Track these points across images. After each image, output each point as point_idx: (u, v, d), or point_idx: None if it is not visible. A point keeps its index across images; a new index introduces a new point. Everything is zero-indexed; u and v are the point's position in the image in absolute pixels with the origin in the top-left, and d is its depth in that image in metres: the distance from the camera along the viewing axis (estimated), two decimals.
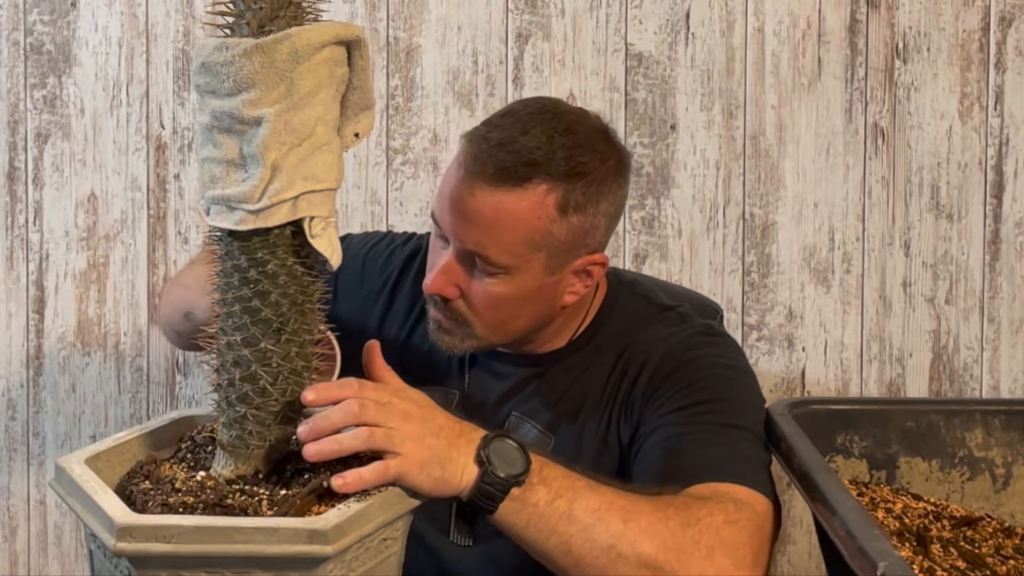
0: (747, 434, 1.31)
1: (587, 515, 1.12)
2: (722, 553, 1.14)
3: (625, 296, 1.47)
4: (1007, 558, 1.20)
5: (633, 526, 1.12)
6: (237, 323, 1.03)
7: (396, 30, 1.99)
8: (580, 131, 1.34)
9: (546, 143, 1.30)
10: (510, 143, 1.29)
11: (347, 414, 1.05)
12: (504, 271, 1.31)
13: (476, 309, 1.34)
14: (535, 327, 1.40)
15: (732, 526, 1.16)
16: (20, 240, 2.01)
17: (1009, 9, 1.98)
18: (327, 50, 0.99)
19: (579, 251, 1.35)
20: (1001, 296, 2.01)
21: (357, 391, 1.07)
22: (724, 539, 1.15)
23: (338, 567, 0.97)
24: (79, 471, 1.04)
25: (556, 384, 1.43)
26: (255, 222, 1.00)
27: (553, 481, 1.12)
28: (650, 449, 1.31)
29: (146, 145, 2.01)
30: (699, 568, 1.12)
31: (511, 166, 1.28)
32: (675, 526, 1.13)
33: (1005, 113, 1.99)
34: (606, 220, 1.37)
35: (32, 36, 2.00)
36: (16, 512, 2.05)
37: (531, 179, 1.29)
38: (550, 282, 1.35)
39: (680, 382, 1.34)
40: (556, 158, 1.29)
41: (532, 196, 1.29)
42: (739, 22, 1.98)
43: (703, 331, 1.42)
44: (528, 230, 1.29)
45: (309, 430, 1.04)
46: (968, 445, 1.35)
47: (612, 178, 1.35)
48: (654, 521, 1.13)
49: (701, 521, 1.15)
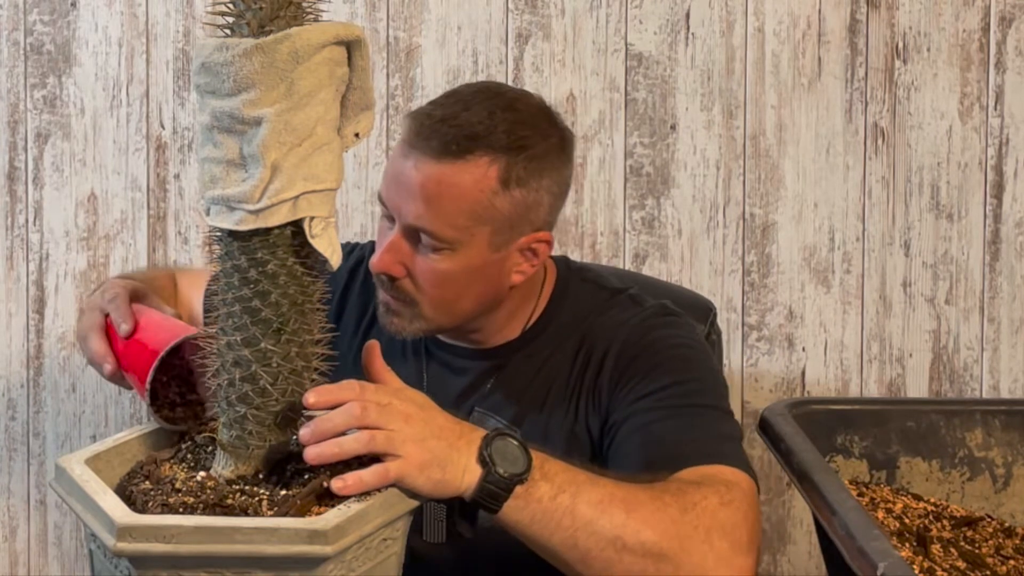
0: (717, 412, 1.33)
1: (590, 508, 1.12)
2: (720, 535, 1.15)
3: (575, 283, 1.48)
4: (1007, 558, 1.20)
5: (635, 516, 1.13)
6: (237, 323, 1.03)
7: (396, 30, 1.99)
8: (522, 108, 1.36)
9: (487, 118, 1.32)
10: (452, 119, 1.31)
11: (348, 417, 1.05)
12: (448, 246, 1.32)
13: (422, 287, 1.34)
14: (483, 308, 1.40)
15: (726, 508, 1.18)
16: (20, 240, 2.01)
17: (1009, 9, 1.98)
18: (327, 50, 0.99)
19: (523, 227, 1.36)
20: (1001, 296, 2.01)
21: (358, 393, 1.06)
22: (721, 522, 1.16)
23: (338, 567, 0.97)
24: (79, 471, 1.04)
25: (517, 377, 1.43)
26: (255, 222, 1.00)
27: (555, 476, 1.12)
28: (626, 437, 1.32)
29: (146, 145, 2.01)
30: (699, 552, 1.14)
31: (453, 139, 1.29)
32: (674, 513, 1.15)
33: (1005, 113, 1.99)
34: (550, 197, 1.37)
35: (32, 36, 2.00)
36: (16, 512, 2.05)
37: (473, 151, 1.30)
38: (496, 259, 1.35)
39: (644, 367, 1.35)
40: (498, 131, 1.31)
41: (474, 168, 1.30)
42: (739, 22, 1.98)
43: (657, 312, 1.43)
44: (471, 202, 1.31)
45: (310, 433, 1.04)
46: (968, 445, 1.35)
47: (555, 155, 1.37)
48: (654, 510, 1.14)
49: (697, 506, 1.16)
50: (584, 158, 1.99)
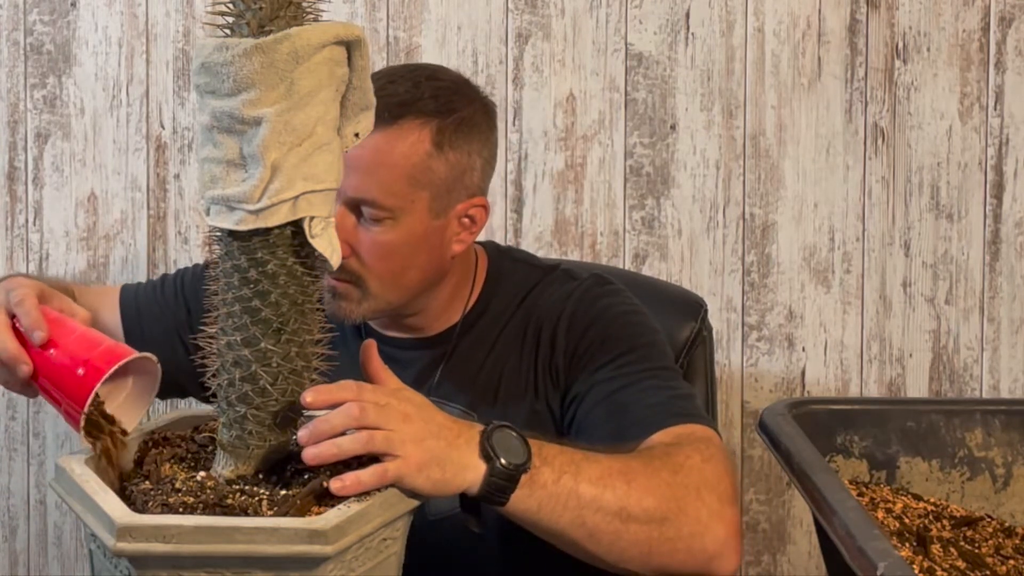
0: (672, 373, 1.39)
1: (593, 486, 1.14)
2: (708, 491, 1.20)
3: (507, 264, 1.50)
4: (1007, 558, 1.20)
5: (635, 486, 1.16)
6: (237, 323, 1.03)
7: (396, 30, 1.99)
8: (444, 77, 1.41)
9: (413, 88, 1.36)
10: (379, 91, 1.31)
11: (347, 417, 1.05)
12: (390, 215, 1.33)
13: (368, 263, 1.35)
14: (428, 281, 1.41)
15: (708, 463, 1.23)
16: (20, 240, 2.02)
17: (1009, 9, 1.98)
18: (327, 50, 0.99)
19: (459, 192, 1.38)
20: (1001, 296, 2.01)
21: (356, 393, 1.06)
22: (706, 478, 1.21)
23: (338, 567, 0.97)
24: (79, 471, 1.04)
25: (466, 363, 1.44)
26: (255, 222, 1.00)
27: (554, 459, 1.14)
28: (591, 408, 1.35)
29: (146, 145, 2.01)
30: (693, 509, 1.18)
31: (383, 108, 1.29)
32: (667, 476, 1.19)
33: (1005, 113, 1.99)
34: (481, 161, 1.40)
35: (32, 36, 2.00)
36: (16, 512, 2.05)
37: (404, 116, 1.34)
38: (437, 226, 1.37)
39: (598, 337, 1.38)
40: (425, 98, 1.35)
41: (407, 133, 1.34)
42: (739, 22, 1.98)
43: (595, 283, 1.46)
44: (408, 167, 1.33)
45: (309, 434, 1.04)
46: (968, 445, 1.35)
47: (481, 119, 1.40)
48: (649, 475, 1.18)
49: (684, 466, 1.21)
50: (584, 158, 1.99)
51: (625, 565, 1.19)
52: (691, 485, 1.20)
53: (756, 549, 2.04)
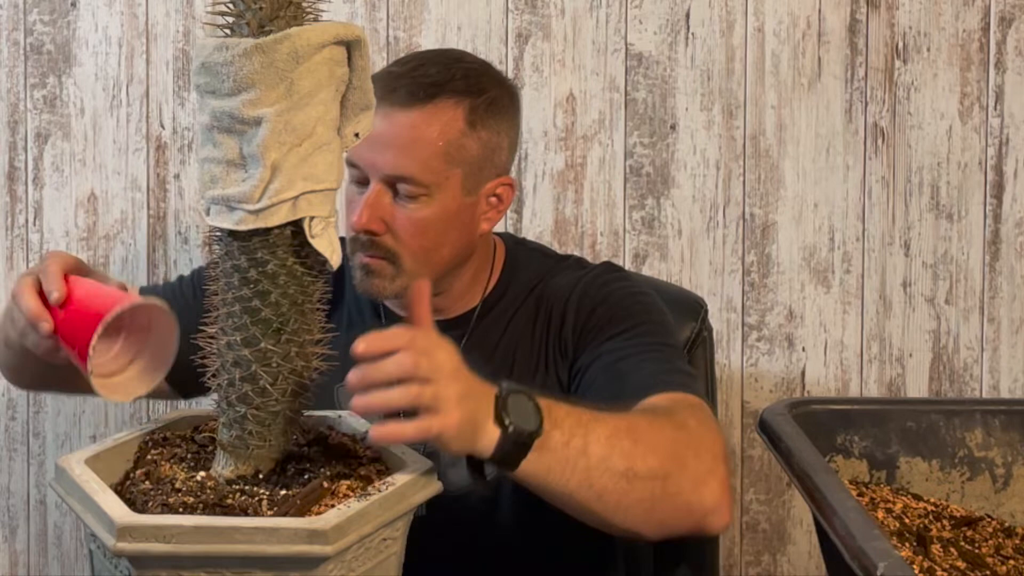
0: (674, 350, 1.46)
1: (601, 446, 1.16)
2: (705, 450, 1.25)
3: (524, 252, 1.57)
4: (1007, 558, 1.20)
5: (641, 444, 1.19)
6: (237, 323, 1.03)
7: (396, 30, 1.99)
8: (472, 60, 1.49)
9: (445, 69, 1.41)
10: (412, 72, 1.40)
11: (400, 368, 1.05)
12: (426, 191, 1.38)
13: (403, 239, 1.39)
14: (458, 258, 1.46)
15: (703, 426, 1.29)
16: (20, 240, 2.01)
17: (1009, 9, 1.98)
18: (327, 50, 1.00)
19: (489, 171, 1.44)
20: (1001, 296, 2.01)
21: (409, 342, 1.06)
22: (702, 439, 1.27)
23: (338, 567, 0.97)
24: (79, 471, 1.04)
25: (484, 341, 1.48)
26: (255, 222, 1.00)
27: (563, 422, 1.15)
28: (595, 375, 1.41)
29: (146, 145, 2.01)
30: (693, 468, 1.23)
31: (419, 87, 1.38)
32: (669, 434, 1.24)
33: (1005, 113, 1.99)
34: (508, 141, 1.47)
35: (32, 36, 2.00)
36: (16, 512, 2.05)
37: (439, 95, 1.39)
38: (468, 203, 1.43)
39: (605, 315, 1.45)
40: (457, 78, 1.41)
41: (442, 112, 1.39)
42: (739, 22, 1.98)
43: (606, 270, 1.53)
44: (444, 144, 1.38)
45: (360, 378, 1.04)
46: (968, 445, 1.35)
47: (508, 100, 1.47)
48: (653, 433, 1.22)
49: (684, 426, 1.26)
50: (584, 158, 1.99)
51: (627, 525, 1.22)
52: (690, 443, 1.24)
53: (756, 549, 2.04)
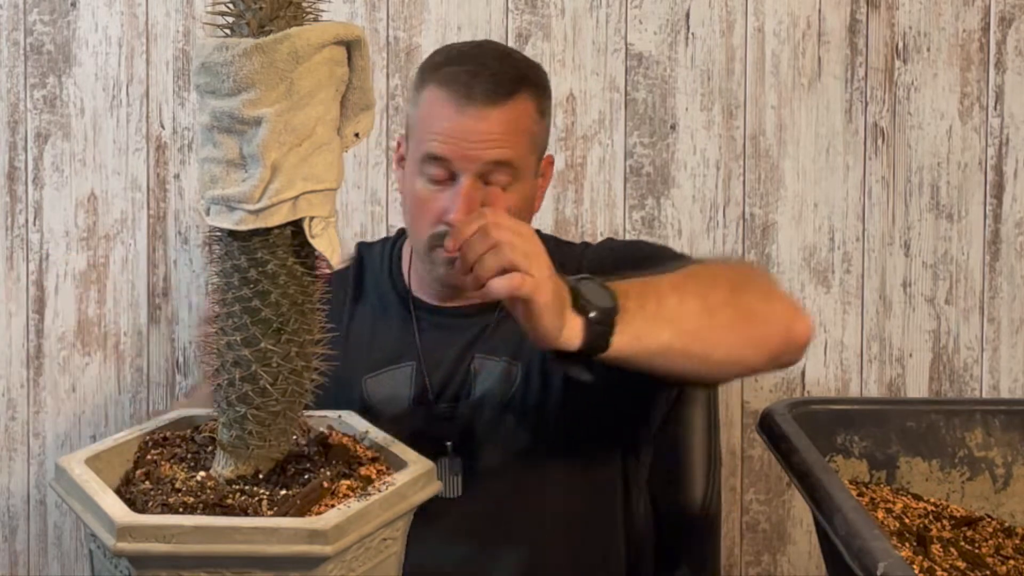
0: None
1: (673, 295, 1.25)
2: (758, 276, 1.45)
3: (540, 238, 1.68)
4: (1007, 558, 1.20)
5: (704, 282, 1.31)
6: (237, 323, 1.03)
7: (396, 30, 1.99)
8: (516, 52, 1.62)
9: (512, 67, 1.51)
10: (482, 70, 1.47)
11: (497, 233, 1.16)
12: (517, 178, 1.47)
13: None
14: None
15: (743, 262, 1.55)
16: (20, 240, 2.02)
17: (1009, 9, 1.98)
18: (327, 50, 0.99)
19: (543, 152, 1.55)
20: (1001, 296, 2.01)
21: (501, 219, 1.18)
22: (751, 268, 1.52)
23: (338, 567, 0.97)
24: (79, 471, 1.04)
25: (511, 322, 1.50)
26: (255, 222, 1.00)
27: (631, 290, 1.23)
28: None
29: (146, 145, 2.01)
30: (756, 288, 1.36)
31: (496, 85, 1.46)
32: (722, 268, 1.40)
33: (1005, 113, 1.99)
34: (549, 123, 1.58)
35: (32, 36, 2.00)
36: (16, 512, 2.05)
37: (516, 92, 1.47)
38: (534, 184, 1.53)
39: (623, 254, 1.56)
40: (525, 73, 1.51)
41: (523, 104, 1.48)
42: (739, 22, 1.98)
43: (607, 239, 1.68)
44: (529, 134, 1.49)
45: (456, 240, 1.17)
46: (968, 445, 1.35)
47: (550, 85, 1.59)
48: (708, 271, 1.35)
49: (728, 262, 1.52)
50: (584, 158, 1.99)
51: (731, 356, 1.32)
52: (743, 267, 1.43)
53: (756, 549, 2.04)
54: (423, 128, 1.47)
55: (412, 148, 1.51)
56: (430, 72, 1.50)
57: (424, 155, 1.46)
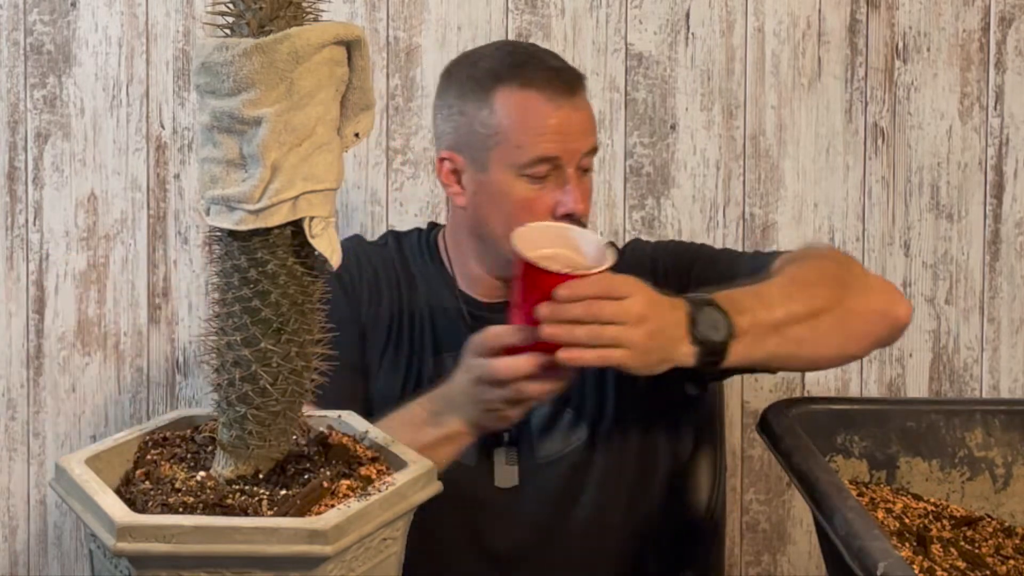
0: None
1: (780, 305, 1.31)
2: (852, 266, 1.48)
3: None
4: (1007, 558, 1.20)
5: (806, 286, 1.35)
6: (237, 323, 1.03)
7: (396, 30, 1.99)
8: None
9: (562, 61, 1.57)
10: (555, 64, 1.55)
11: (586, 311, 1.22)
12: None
13: (584, 212, 1.52)
14: None
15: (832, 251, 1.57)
16: (20, 240, 2.02)
17: (1009, 9, 1.98)
18: (327, 50, 0.99)
19: None
20: (1001, 296, 2.01)
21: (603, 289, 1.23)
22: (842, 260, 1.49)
23: (338, 567, 0.97)
24: (79, 471, 1.04)
25: None
26: (255, 222, 1.00)
27: (742, 304, 1.29)
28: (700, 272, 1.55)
29: (146, 145, 2.01)
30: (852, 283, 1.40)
31: (571, 79, 1.53)
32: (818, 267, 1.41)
33: (1005, 113, 1.99)
34: None
35: (32, 36, 2.00)
36: (16, 512, 2.05)
37: (580, 86, 1.54)
38: None
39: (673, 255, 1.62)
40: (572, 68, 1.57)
41: (585, 97, 1.55)
42: (739, 22, 1.98)
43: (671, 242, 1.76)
44: (594, 124, 1.57)
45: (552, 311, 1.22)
46: (968, 445, 1.35)
47: None
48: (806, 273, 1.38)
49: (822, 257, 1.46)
50: None
51: (833, 353, 1.40)
52: (839, 261, 1.45)
53: (756, 549, 2.04)
54: (518, 132, 1.48)
55: (501, 155, 1.49)
56: (493, 79, 1.50)
57: (534, 158, 1.47)
